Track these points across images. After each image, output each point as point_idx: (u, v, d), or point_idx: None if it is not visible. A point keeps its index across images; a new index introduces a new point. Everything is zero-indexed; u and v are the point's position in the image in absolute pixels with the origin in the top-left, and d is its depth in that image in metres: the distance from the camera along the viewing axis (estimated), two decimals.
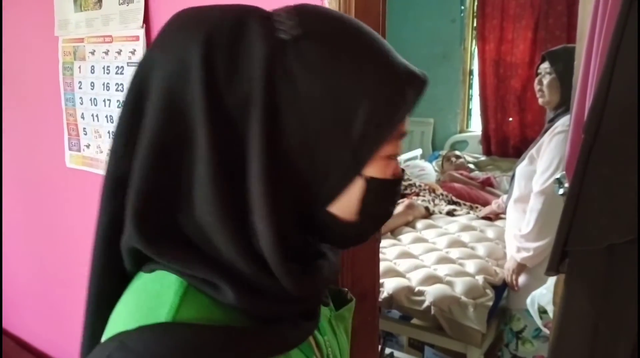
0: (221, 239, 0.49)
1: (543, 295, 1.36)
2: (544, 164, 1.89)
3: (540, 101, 2.02)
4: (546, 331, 1.50)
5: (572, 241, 1.02)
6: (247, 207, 0.49)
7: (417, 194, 3.28)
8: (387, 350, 2.37)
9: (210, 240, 0.50)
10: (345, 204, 0.54)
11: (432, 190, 3.38)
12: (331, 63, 0.50)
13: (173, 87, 0.49)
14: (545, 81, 1.96)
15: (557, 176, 1.19)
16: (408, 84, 0.54)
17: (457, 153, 4.18)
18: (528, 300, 1.41)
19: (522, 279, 2.05)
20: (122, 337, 0.47)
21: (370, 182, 0.54)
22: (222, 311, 0.50)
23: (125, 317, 0.50)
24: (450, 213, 3.02)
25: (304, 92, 0.49)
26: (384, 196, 0.56)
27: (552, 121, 1.96)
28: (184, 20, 0.53)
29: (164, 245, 0.50)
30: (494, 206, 2.89)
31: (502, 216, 2.73)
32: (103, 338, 0.50)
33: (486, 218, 2.90)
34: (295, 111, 0.50)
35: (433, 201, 3.21)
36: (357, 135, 0.51)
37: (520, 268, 2.03)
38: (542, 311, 1.42)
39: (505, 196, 2.59)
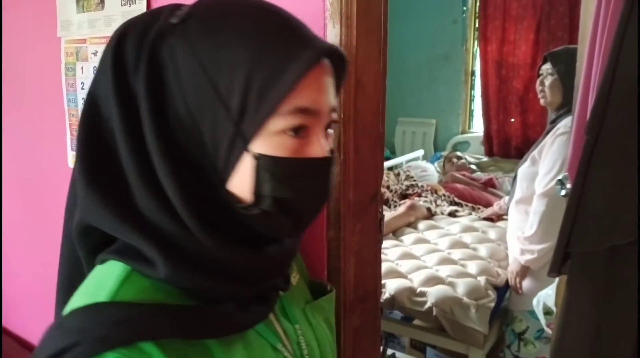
0: (143, 198, 0.52)
1: (549, 296, 1.36)
2: (547, 166, 1.88)
3: (542, 101, 2.01)
4: (549, 331, 1.50)
5: (574, 243, 1.02)
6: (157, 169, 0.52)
7: (419, 195, 3.28)
8: (389, 351, 2.36)
9: (137, 202, 0.53)
10: (240, 183, 0.54)
11: (434, 191, 3.37)
12: (209, 39, 0.52)
13: (98, 80, 0.56)
14: (547, 82, 1.96)
15: (559, 177, 1.19)
16: (292, 56, 0.51)
17: (459, 153, 4.18)
18: (534, 301, 1.41)
19: (524, 282, 2.03)
20: (64, 317, 0.51)
21: (260, 159, 0.52)
22: (164, 293, 0.53)
23: (72, 303, 0.53)
24: (452, 214, 3.02)
25: (182, 69, 0.52)
26: (283, 176, 0.53)
27: (554, 122, 1.95)
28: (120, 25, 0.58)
29: (99, 209, 0.53)
30: (495, 207, 2.89)
31: (504, 217, 2.72)
32: None
33: (488, 219, 2.90)
34: (178, 86, 0.52)
35: (435, 201, 3.20)
36: (237, 108, 0.51)
37: (524, 270, 2.02)
38: (547, 312, 1.42)
39: (507, 198, 2.59)
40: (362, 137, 0.89)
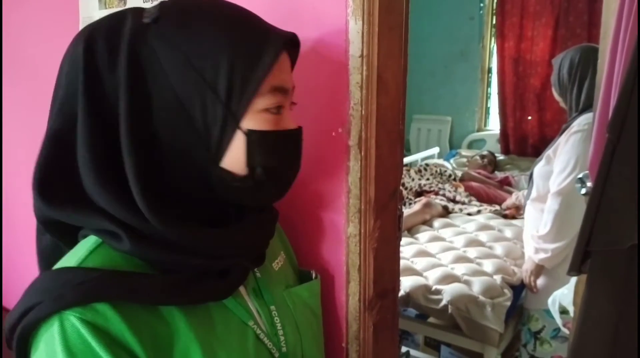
0: (103, 202, 0.57)
1: (565, 295, 1.35)
2: (561, 164, 1.88)
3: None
4: (565, 331, 1.49)
5: (595, 242, 1.01)
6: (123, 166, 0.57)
7: (437, 193, 3.26)
8: (403, 349, 2.37)
9: (94, 197, 0.57)
10: (234, 158, 0.61)
11: (457, 188, 3.35)
12: (186, 32, 0.58)
13: (67, 80, 0.59)
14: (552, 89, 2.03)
15: (580, 175, 1.18)
16: (265, 41, 0.60)
17: (484, 152, 4.14)
18: (549, 300, 1.40)
19: (540, 280, 2.03)
20: (34, 280, 0.57)
21: (250, 134, 0.60)
22: (129, 264, 0.58)
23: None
24: (471, 213, 3.00)
25: (166, 63, 0.57)
26: (269, 148, 0.62)
27: (570, 121, 1.94)
28: (81, 30, 0.61)
29: (63, 206, 0.58)
30: (512, 197, 2.87)
31: (521, 213, 2.72)
32: None
33: (503, 216, 2.89)
34: (162, 81, 0.57)
35: (454, 199, 3.18)
36: (224, 91, 0.58)
37: (539, 269, 2.01)
38: (562, 312, 1.41)
39: (523, 192, 2.59)
40: (382, 133, 0.89)
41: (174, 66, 0.57)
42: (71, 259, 0.59)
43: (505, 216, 2.92)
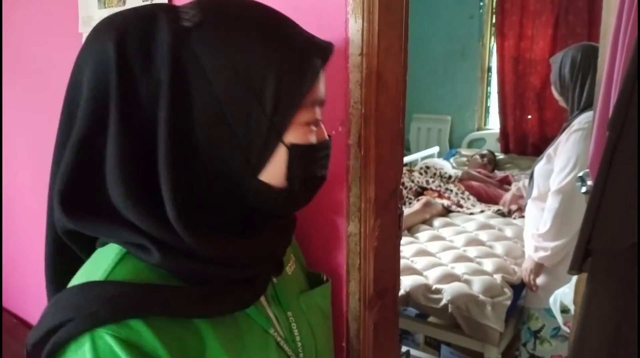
0: (132, 213, 0.54)
1: (566, 294, 1.35)
2: (561, 163, 1.88)
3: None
4: (566, 330, 1.49)
5: (596, 240, 1.00)
6: (157, 180, 0.54)
7: (440, 195, 3.23)
8: (403, 348, 2.36)
9: (123, 212, 0.54)
10: (274, 172, 0.60)
11: (461, 189, 3.35)
12: (232, 41, 0.55)
13: (95, 83, 0.54)
14: (551, 87, 2.03)
15: (580, 174, 1.17)
16: (313, 53, 0.59)
17: (484, 152, 4.13)
18: (551, 299, 1.40)
19: (540, 279, 2.02)
20: (59, 295, 0.54)
21: (292, 148, 0.59)
22: (157, 275, 0.56)
23: (72, 282, 0.57)
24: (474, 213, 2.99)
25: (210, 71, 0.55)
26: (309, 161, 0.62)
27: (570, 119, 1.94)
28: (101, 23, 0.57)
29: (87, 218, 0.55)
30: (513, 189, 2.85)
31: (520, 212, 2.72)
32: None
33: (512, 208, 2.88)
34: (206, 89, 0.55)
35: (458, 202, 3.18)
36: (271, 104, 0.56)
37: (538, 268, 2.01)
38: (563, 310, 1.40)
39: (520, 183, 2.58)
40: (382, 132, 0.89)
41: (219, 75, 0.55)
42: (95, 271, 0.56)
43: (509, 213, 2.91)
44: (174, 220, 0.53)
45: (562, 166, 1.87)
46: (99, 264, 0.56)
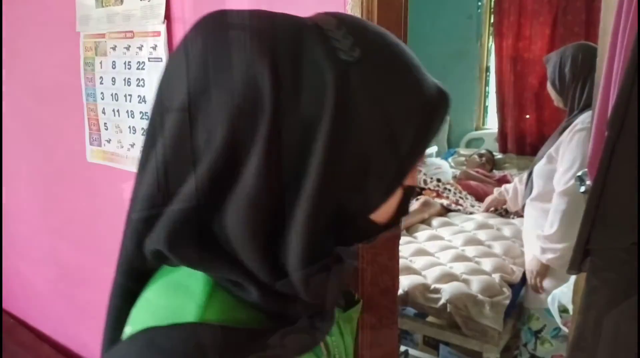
0: (247, 255, 0.49)
1: (564, 294, 1.35)
2: (566, 163, 1.84)
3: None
4: (565, 330, 1.49)
5: (595, 240, 1.00)
6: (286, 223, 0.49)
7: (439, 194, 3.23)
8: (402, 348, 2.37)
9: (237, 251, 0.49)
10: (385, 211, 0.57)
11: (457, 189, 3.34)
12: (385, 86, 0.52)
13: (238, 113, 0.47)
14: (548, 87, 2.03)
15: (579, 173, 1.17)
16: (441, 100, 0.57)
17: (482, 151, 4.13)
18: (549, 298, 1.40)
19: (547, 281, 1.99)
20: (151, 334, 0.48)
21: (406, 189, 0.58)
22: (246, 311, 0.52)
23: (154, 311, 0.51)
24: (472, 213, 2.99)
25: (364, 117, 0.50)
26: (410, 200, 0.61)
27: (569, 119, 1.93)
28: (252, 32, 0.50)
29: (189, 250, 0.50)
30: (495, 193, 2.80)
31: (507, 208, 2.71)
32: (128, 329, 0.52)
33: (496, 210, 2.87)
34: (356, 134, 0.50)
35: (457, 201, 3.18)
36: (406, 151, 0.53)
37: (545, 269, 1.97)
38: (562, 310, 1.41)
39: (508, 185, 2.56)
40: None
41: (370, 119, 0.50)
42: (185, 304, 0.50)
43: (506, 212, 2.90)
44: (294, 269, 0.50)
45: (568, 166, 1.83)
46: (187, 297, 0.51)
